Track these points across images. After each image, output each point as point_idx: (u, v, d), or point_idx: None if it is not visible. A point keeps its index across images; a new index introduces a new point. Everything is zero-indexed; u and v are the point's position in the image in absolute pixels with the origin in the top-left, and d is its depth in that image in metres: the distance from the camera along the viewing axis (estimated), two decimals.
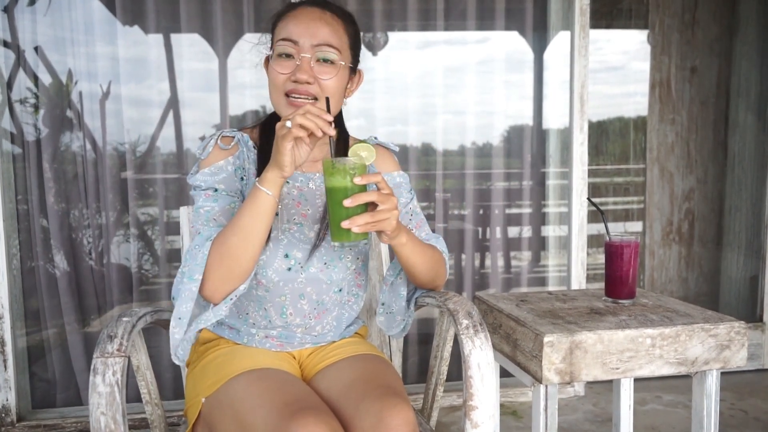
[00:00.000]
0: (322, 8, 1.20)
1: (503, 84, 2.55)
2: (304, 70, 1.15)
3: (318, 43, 1.16)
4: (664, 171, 3.11)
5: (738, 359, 1.28)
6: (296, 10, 1.19)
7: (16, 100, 2.22)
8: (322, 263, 1.22)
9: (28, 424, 2.20)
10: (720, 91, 3.10)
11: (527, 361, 1.25)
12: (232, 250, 1.09)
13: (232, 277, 1.11)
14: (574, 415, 2.32)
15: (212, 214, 1.17)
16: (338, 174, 1.04)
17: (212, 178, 1.20)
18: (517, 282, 2.69)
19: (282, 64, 1.17)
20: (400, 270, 1.31)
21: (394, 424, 1.01)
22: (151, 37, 2.30)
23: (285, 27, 1.18)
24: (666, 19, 3.05)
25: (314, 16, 1.17)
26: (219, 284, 1.10)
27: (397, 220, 1.09)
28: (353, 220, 1.03)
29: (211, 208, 1.17)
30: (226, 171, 1.21)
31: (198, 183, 1.20)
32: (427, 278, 1.26)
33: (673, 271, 3.17)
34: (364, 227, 1.04)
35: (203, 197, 1.19)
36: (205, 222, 1.16)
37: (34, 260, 2.26)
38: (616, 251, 1.38)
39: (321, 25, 1.17)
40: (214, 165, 1.21)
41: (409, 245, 1.18)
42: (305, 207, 1.25)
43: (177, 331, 1.12)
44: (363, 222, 1.04)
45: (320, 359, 1.26)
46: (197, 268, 1.10)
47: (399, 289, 1.31)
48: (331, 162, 1.05)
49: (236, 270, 1.10)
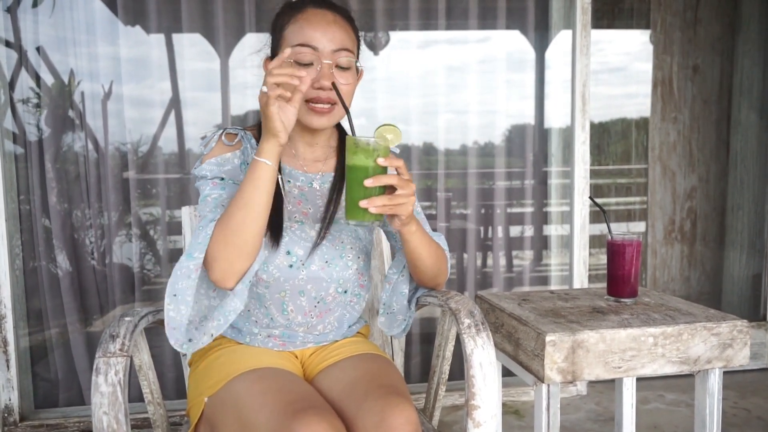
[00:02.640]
0: (333, 11, 1.19)
1: (505, 83, 2.54)
2: (327, 76, 1.15)
3: (337, 48, 1.16)
4: (667, 170, 3.11)
5: (740, 358, 1.28)
6: (307, 12, 1.18)
7: (19, 100, 2.23)
8: (323, 261, 1.22)
9: (31, 423, 2.20)
10: (722, 90, 3.10)
11: (529, 360, 1.25)
12: (237, 226, 1.07)
13: (240, 255, 1.09)
14: (576, 414, 2.32)
15: (220, 200, 1.16)
16: (361, 153, 1.05)
17: (218, 168, 1.20)
18: (519, 281, 2.68)
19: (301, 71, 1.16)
20: (403, 267, 1.31)
21: (396, 424, 1.01)
22: (152, 37, 2.30)
23: (300, 31, 1.16)
24: (668, 17, 3.04)
25: (329, 19, 1.17)
26: (227, 265, 1.08)
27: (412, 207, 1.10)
28: (372, 200, 1.04)
29: (218, 195, 1.17)
30: (231, 163, 1.21)
31: (204, 173, 1.19)
32: (431, 273, 1.26)
33: (675, 269, 3.17)
34: (381, 209, 1.05)
35: (210, 186, 1.18)
36: (213, 208, 1.15)
37: (37, 260, 2.27)
38: (618, 250, 1.38)
39: (336, 29, 1.17)
40: (220, 156, 1.21)
41: (418, 234, 1.18)
42: (306, 206, 1.25)
43: (172, 308, 1.11)
44: (381, 203, 1.05)
45: (322, 358, 1.26)
46: (198, 246, 1.09)
47: (401, 286, 1.31)
48: (354, 140, 1.06)
49: (243, 247, 1.08)
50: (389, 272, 1.33)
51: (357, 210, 1.06)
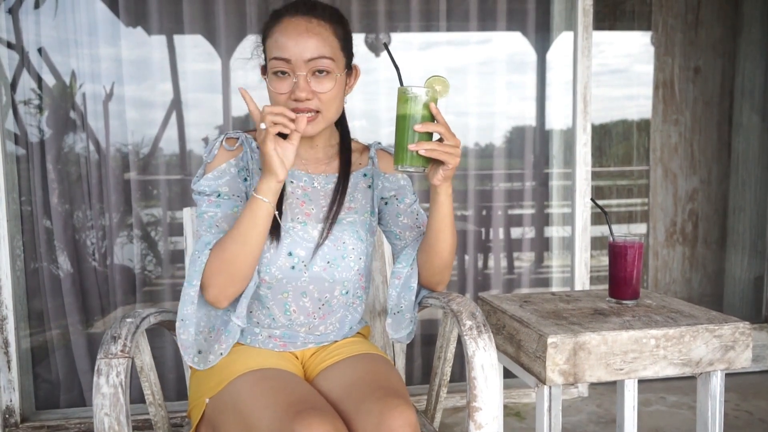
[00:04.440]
0: (308, 16, 1.17)
1: (506, 85, 2.54)
2: (302, 88, 1.15)
3: (310, 58, 1.15)
4: (668, 172, 3.11)
5: (742, 360, 1.28)
6: (282, 23, 1.17)
7: (20, 101, 2.23)
8: (325, 262, 1.22)
9: (32, 425, 2.20)
10: (724, 92, 3.09)
11: (531, 362, 1.25)
12: (231, 257, 1.13)
13: (233, 282, 1.15)
14: (577, 416, 2.32)
15: (215, 219, 1.20)
16: (411, 101, 1.10)
17: (215, 182, 1.21)
18: (521, 283, 2.68)
19: (279, 84, 1.17)
20: (412, 260, 1.30)
21: (395, 426, 1.01)
22: (154, 38, 2.30)
23: (275, 43, 1.17)
24: (669, 19, 3.04)
25: (301, 28, 1.15)
26: (220, 290, 1.16)
27: (458, 160, 1.13)
28: (420, 143, 1.09)
29: (213, 213, 1.20)
30: (229, 173, 1.22)
31: (202, 188, 1.22)
32: (447, 256, 1.25)
33: (676, 271, 3.17)
34: (430, 152, 1.09)
35: (206, 203, 1.21)
36: (207, 228, 1.20)
37: (38, 261, 2.27)
38: (620, 252, 1.38)
39: (309, 37, 1.15)
40: (217, 169, 1.22)
41: (450, 200, 1.21)
42: (309, 206, 1.25)
43: (182, 332, 1.18)
44: (430, 147, 1.09)
45: (322, 359, 1.26)
46: (195, 273, 1.16)
47: (410, 280, 1.29)
48: (405, 89, 1.11)
49: (236, 275, 1.15)
50: (397, 268, 1.30)
51: (404, 155, 1.11)
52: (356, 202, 1.30)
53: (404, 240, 1.34)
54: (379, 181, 1.33)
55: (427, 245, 1.26)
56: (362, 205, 1.31)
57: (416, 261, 1.30)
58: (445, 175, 1.15)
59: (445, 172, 1.14)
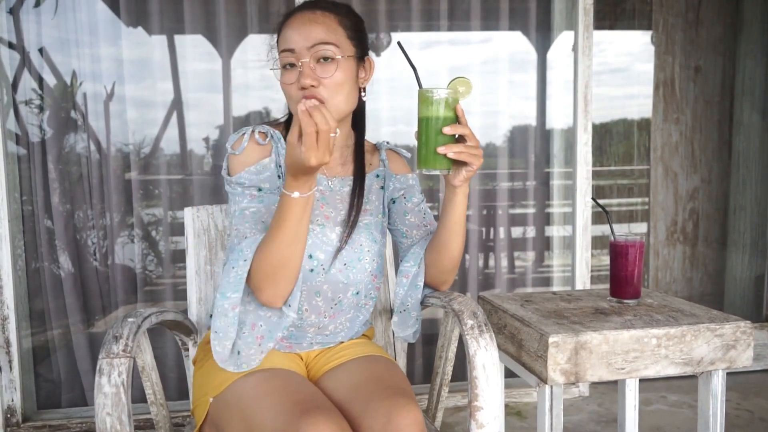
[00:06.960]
0: (313, 9, 1.19)
1: (507, 84, 2.54)
2: (306, 74, 1.14)
3: (312, 44, 1.15)
4: (669, 171, 3.11)
5: (744, 359, 1.28)
6: (290, 19, 1.19)
7: (21, 101, 2.23)
8: (342, 264, 1.22)
9: (34, 424, 2.20)
10: (724, 91, 3.09)
11: (532, 361, 1.25)
12: (286, 260, 1.09)
13: (289, 282, 1.12)
14: (578, 415, 2.32)
15: (259, 215, 1.17)
16: (436, 104, 1.12)
17: (257, 177, 1.19)
18: (522, 282, 2.68)
19: (288, 75, 1.17)
20: (420, 259, 1.30)
21: (403, 425, 1.01)
22: (154, 38, 2.30)
23: (283, 38, 1.19)
24: (670, 18, 3.04)
25: (305, 19, 1.17)
26: (276, 292, 1.11)
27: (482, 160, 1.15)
28: (449, 146, 1.10)
29: (257, 209, 1.17)
30: (269, 169, 1.20)
31: (242, 180, 1.19)
32: (456, 255, 1.27)
33: (677, 270, 3.17)
34: (458, 155, 1.11)
35: (248, 198, 1.18)
36: (253, 224, 1.16)
37: (39, 261, 2.27)
38: (621, 251, 1.38)
39: (312, 25, 1.16)
40: (259, 163, 1.20)
41: (466, 201, 1.22)
42: (327, 209, 1.24)
43: (217, 344, 1.13)
44: (458, 149, 1.11)
45: (327, 360, 1.26)
46: (230, 286, 1.11)
47: (417, 279, 1.30)
48: (429, 91, 1.12)
49: (291, 274, 1.11)
50: (405, 267, 1.30)
51: (431, 158, 1.12)
52: (370, 204, 1.30)
53: (411, 238, 1.34)
54: (390, 182, 1.33)
55: (439, 244, 1.26)
56: (376, 206, 1.31)
57: (423, 260, 1.30)
58: (467, 176, 1.17)
59: (468, 173, 1.16)
